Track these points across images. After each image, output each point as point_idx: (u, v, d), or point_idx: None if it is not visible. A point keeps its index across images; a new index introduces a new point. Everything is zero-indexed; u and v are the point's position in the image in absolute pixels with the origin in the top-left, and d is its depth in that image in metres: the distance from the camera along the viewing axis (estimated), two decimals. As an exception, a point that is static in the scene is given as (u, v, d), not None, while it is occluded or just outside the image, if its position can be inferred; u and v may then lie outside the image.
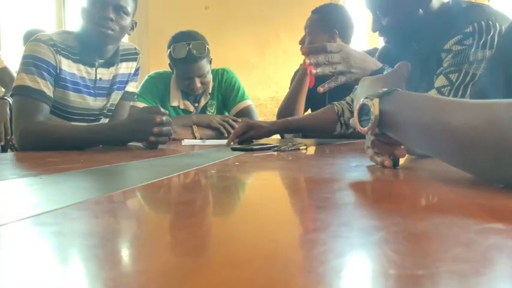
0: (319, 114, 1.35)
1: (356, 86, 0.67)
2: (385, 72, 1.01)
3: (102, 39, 1.23)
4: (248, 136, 1.29)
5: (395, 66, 0.68)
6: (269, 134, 1.35)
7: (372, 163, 0.65)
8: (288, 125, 1.38)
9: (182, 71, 1.66)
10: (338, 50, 1.00)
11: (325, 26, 1.68)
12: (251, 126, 1.31)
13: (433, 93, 1.05)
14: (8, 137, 1.74)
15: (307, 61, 0.99)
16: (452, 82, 1.02)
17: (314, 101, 1.75)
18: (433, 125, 0.47)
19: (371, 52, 1.63)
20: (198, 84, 1.68)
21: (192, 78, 1.66)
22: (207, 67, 1.68)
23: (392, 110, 0.53)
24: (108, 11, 1.19)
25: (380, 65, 1.05)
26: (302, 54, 1.01)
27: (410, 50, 1.22)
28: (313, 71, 0.99)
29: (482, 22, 1.00)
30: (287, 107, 1.68)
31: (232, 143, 1.23)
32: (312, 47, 1.00)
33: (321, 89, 1.09)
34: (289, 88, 1.78)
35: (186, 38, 1.65)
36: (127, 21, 1.25)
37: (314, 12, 1.73)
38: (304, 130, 1.53)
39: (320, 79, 1.56)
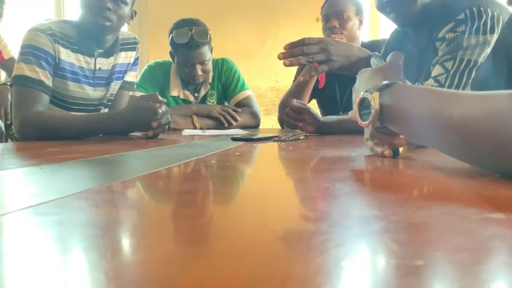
0: None
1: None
2: (372, 59, 1.01)
3: (99, 29, 1.22)
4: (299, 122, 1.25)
5: (388, 56, 0.67)
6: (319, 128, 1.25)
7: (372, 153, 0.65)
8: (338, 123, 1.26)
9: (184, 57, 1.65)
10: (317, 41, 1.00)
11: (358, 10, 1.68)
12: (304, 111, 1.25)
13: (430, 82, 1.05)
14: (8, 122, 1.73)
15: (281, 55, 0.99)
16: (447, 70, 1.03)
17: (323, 91, 1.75)
18: (433, 117, 0.47)
19: (378, 43, 1.63)
20: (199, 72, 1.67)
21: (193, 65, 1.65)
22: (208, 54, 1.68)
23: (393, 103, 0.53)
24: (105, 1, 1.18)
25: (367, 52, 1.04)
26: (284, 49, 1.00)
27: (408, 41, 1.22)
28: (287, 62, 0.99)
29: (474, 8, 1.01)
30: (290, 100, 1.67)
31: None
32: (292, 42, 1.00)
33: (301, 78, 1.09)
34: (294, 80, 1.77)
35: (188, 24, 1.64)
36: (125, 10, 1.24)
37: None
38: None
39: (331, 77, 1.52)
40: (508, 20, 0.82)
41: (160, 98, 1.10)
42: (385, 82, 0.55)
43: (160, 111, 1.07)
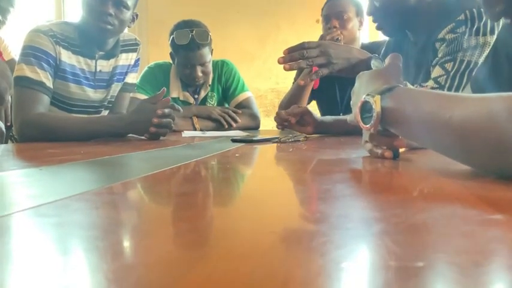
0: None
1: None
2: (373, 61, 1.02)
3: (101, 33, 1.22)
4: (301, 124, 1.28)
5: (387, 58, 0.67)
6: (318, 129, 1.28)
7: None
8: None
9: (184, 59, 1.65)
10: (316, 45, 1.01)
11: (358, 11, 1.69)
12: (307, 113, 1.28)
13: (430, 83, 1.05)
14: (8, 124, 1.73)
15: (281, 60, 0.99)
16: (448, 71, 1.03)
17: (322, 92, 1.75)
18: (434, 120, 0.47)
19: (378, 44, 1.64)
20: (200, 73, 1.67)
21: (193, 66, 1.65)
22: (208, 56, 1.68)
23: (394, 107, 0.53)
24: (107, 6, 1.18)
25: (367, 54, 1.05)
26: (283, 53, 1.01)
27: (407, 42, 1.22)
28: (287, 66, 1.00)
29: (474, 9, 1.01)
30: (290, 102, 1.67)
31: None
32: (291, 47, 1.01)
33: (301, 82, 1.10)
34: (293, 83, 1.78)
35: (189, 25, 1.64)
36: (127, 15, 1.24)
37: None
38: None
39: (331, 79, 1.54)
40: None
41: (162, 98, 1.11)
42: (386, 86, 0.55)
43: (160, 112, 1.07)
